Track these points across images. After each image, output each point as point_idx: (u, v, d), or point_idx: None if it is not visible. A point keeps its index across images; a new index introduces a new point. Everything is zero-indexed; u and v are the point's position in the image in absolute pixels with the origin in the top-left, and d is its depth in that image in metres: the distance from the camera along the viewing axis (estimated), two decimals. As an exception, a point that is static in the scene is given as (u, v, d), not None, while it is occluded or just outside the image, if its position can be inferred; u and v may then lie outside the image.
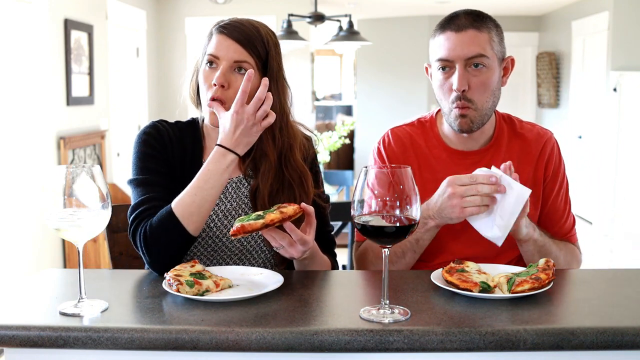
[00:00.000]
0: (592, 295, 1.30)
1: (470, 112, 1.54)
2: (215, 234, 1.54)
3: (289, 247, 1.35)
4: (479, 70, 1.53)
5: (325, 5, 6.76)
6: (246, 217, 1.32)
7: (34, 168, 4.08)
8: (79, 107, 4.74)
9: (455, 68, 1.53)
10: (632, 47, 6.04)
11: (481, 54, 1.52)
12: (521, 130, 1.68)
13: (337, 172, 5.08)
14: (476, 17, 1.55)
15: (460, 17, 1.55)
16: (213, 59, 1.49)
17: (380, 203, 1.11)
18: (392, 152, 1.69)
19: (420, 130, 1.70)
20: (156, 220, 1.41)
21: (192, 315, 1.14)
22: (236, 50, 1.48)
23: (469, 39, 1.52)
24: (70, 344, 1.08)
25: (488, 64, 1.54)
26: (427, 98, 8.41)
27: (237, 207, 1.56)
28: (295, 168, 1.55)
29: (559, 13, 7.66)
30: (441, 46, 1.55)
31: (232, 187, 1.57)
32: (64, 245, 4.42)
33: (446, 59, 1.54)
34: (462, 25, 1.53)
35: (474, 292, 1.22)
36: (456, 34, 1.53)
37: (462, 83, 1.52)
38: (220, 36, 1.50)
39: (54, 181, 1.14)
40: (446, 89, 1.56)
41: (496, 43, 1.56)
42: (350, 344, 1.07)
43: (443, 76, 1.56)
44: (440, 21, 1.59)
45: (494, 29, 1.56)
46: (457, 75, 1.52)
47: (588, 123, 6.71)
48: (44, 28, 4.21)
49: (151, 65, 6.32)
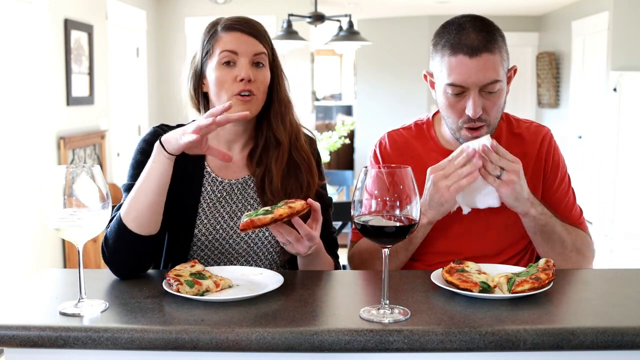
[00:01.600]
0: (592, 295, 1.30)
1: (483, 129, 1.53)
2: (222, 235, 1.53)
3: (296, 242, 1.36)
4: (492, 95, 1.50)
5: (325, 5, 6.76)
6: (254, 212, 1.32)
7: (34, 168, 4.08)
8: (79, 107, 4.74)
9: (469, 93, 1.49)
10: (632, 47, 6.04)
11: (496, 80, 1.49)
12: (519, 129, 1.68)
13: (337, 172, 5.08)
14: (487, 35, 1.48)
15: (469, 34, 1.48)
16: (231, 55, 1.49)
17: (380, 203, 1.11)
18: (387, 155, 1.69)
19: (417, 133, 1.70)
20: (112, 222, 1.43)
21: (192, 315, 1.14)
22: (254, 44, 1.51)
23: (483, 65, 1.46)
24: (70, 344, 1.08)
25: (501, 86, 1.51)
26: (427, 98, 8.41)
27: (243, 208, 1.56)
28: (302, 153, 1.58)
29: (559, 13, 7.66)
30: (453, 71, 1.48)
31: (237, 188, 1.57)
32: (64, 245, 4.42)
33: (460, 85, 1.49)
34: (475, 48, 1.46)
35: (474, 292, 1.22)
36: (470, 59, 1.46)
37: (477, 110, 1.49)
38: (234, 33, 1.51)
39: (54, 181, 1.14)
40: (457, 111, 1.52)
41: (505, 60, 1.53)
42: (350, 344, 1.07)
43: (455, 99, 1.51)
44: (444, 32, 1.52)
45: (502, 44, 1.51)
46: (472, 102, 1.48)
47: (588, 123, 6.70)
48: (44, 28, 4.21)
49: (151, 65, 6.32)
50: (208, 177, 1.57)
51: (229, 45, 1.50)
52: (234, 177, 1.58)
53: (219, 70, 1.50)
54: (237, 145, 1.60)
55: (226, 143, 1.59)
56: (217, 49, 1.51)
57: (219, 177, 1.57)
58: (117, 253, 1.40)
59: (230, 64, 1.50)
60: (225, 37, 1.51)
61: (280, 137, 1.56)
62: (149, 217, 1.39)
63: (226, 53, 1.49)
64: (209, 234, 1.53)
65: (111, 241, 1.40)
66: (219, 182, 1.57)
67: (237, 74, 1.48)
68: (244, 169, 1.59)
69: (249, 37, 1.51)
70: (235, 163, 1.59)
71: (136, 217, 1.39)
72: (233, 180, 1.58)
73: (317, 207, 1.38)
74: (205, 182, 1.56)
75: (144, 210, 1.39)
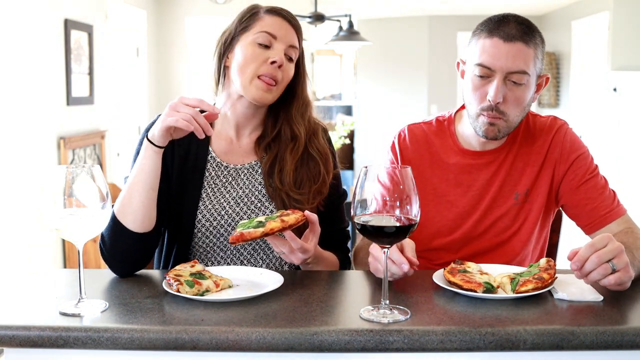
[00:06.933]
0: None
1: (501, 122, 1.52)
2: (227, 221, 1.52)
3: (290, 254, 1.37)
4: (516, 86, 1.50)
5: (326, 5, 6.76)
6: (248, 223, 1.33)
7: (34, 168, 4.07)
8: (79, 107, 4.74)
9: (494, 77, 1.49)
10: (632, 47, 6.04)
11: (524, 71, 1.48)
12: (534, 125, 1.66)
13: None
14: (526, 29, 1.50)
15: (510, 24, 1.49)
16: (269, 38, 1.49)
17: (380, 203, 1.11)
18: (405, 148, 1.69)
19: (437, 129, 1.69)
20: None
21: (192, 315, 1.14)
22: (292, 35, 1.53)
23: (515, 52, 1.47)
24: (70, 344, 1.08)
25: (527, 81, 1.50)
26: (427, 98, 8.41)
27: (250, 194, 1.55)
28: (319, 148, 1.59)
29: (559, 13, 7.66)
30: (485, 51, 1.49)
31: (243, 173, 1.57)
32: (64, 245, 4.42)
33: (487, 67, 1.49)
34: (511, 35, 1.48)
35: (477, 292, 1.22)
36: (504, 43, 1.47)
37: (497, 96, 1.49)
38: (278, 18, 1.52)
39: (54, 181, 1.14)
40: (479, 95, 1.52)
41: (539, 60, 1.53)
42: (350, 344, 1.07)
43: (480, 82, 1.52)
44: (487, 21, 1.53)
45: (540, 44, 1.52)
46: (495, 87, 1.48)
47: (588, 123, 6.70)
48: (44, 28, 4.21)
49: (151, 65, 6.32)
50: (213, 162, 1.57)
51: (270, 27, 1.50)
52: (239, 163, 1.58)
53: (252, 47, 1.50)
54: (246, 130, 1.60)
55: (235, 126, 1.59)
56: (256, 27, 1.51)
57: (224, 162, 1.57)
58: (115, 251, 1.39)
59: (265, 46, 1.50)
60: (268, 19, 1.52)
61: (299, 131, 1.57)
62: (143, 214, 1.39)
63: (265, 34, 1.49)
64: (214, 220, 1.52)
65: (108, 239, 1.40)
66: (224, 167, 1.57)
67: (271, 56, 1.48)
68: (251, 154, 1.59)
69: (289, 27, 1.53)
70: (242, 148, 1.59)
71: (131, 215, 1.39)
72: (239, 165, 1.57)
73: (314, 219, 1.39)
74: (209, 167, 1.56)
75: (138, 208, 1.39)
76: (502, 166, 1.62)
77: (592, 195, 1.59)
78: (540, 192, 1.62)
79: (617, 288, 1.24)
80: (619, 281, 1.22)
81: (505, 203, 1.62)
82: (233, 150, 1.58)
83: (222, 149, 1.58)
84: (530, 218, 1.62)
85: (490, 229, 1.62)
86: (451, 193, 1.63)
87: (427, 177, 1.64)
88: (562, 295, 1.23)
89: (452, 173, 1.64)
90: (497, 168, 1.62)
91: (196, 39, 6.46)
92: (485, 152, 1.63)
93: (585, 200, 1.59)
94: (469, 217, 1.62)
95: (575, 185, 1.60)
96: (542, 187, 1.62)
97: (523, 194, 1.61)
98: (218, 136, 1.59)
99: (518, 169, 1.62)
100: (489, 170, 1.62)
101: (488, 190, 1.62)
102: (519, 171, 1.62)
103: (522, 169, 1.62)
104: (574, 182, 1.60)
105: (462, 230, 1.62)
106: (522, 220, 1.62)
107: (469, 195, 1.62)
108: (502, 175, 1.62)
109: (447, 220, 1.63)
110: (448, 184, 1.64)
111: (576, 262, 1.22)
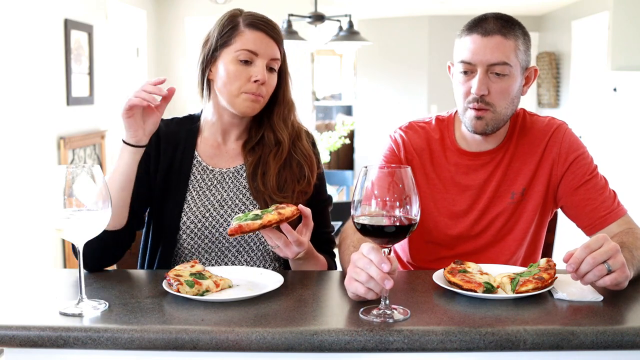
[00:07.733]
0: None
1: (488, 114, 1.53)
2: (212, 223, 1.54)
3: (285, 247, 1.37)
4: (499, 78, 1.52)
5: (325, 5, 6.76)
6: (244, 216, 1.33)
7: (34, 168, 4.08)
8: (79, 107, 4.74)
9: (477, 72, 1.52)
10: (632, 47, 6.04)
11: (504, 62, 1.51)
12: (531, 125, 1.66)
13: (337, 172, 5.08)
14: (505, 23, 1.52)
15: (488, 20, 1.53)
16: (250, 55, 1.50)
17: (380, 203, 1.11)
18: (405, 143, 1.69)
19: (437, 128, 1.70)
20: None
21: (192, 315, 1.14)
22: (273, 49, 1.53)
23: (494, 45, 1.50)
24: (70, 344, 1.08)
25: (510, 72, 1.52)
26: (427, 98, 8.40)
27: (234, 197, 1.57)
28: (303, 150, 1.60)
29: (559, 13, 7.66)
30: (466, 48, 1.53)
31: (229, 177, 1.59)
32: (64, 245, 4.42)
33: (468, 62, 1.52)
34: (489, 29, 1.51)
35: (478, 292, 1.22)
36: (482, 37, 1.51)
37: (481, 88, 1.51)
38: (258, 32, 1.51)
39: (54, 181, 1.14)
40: (464, 90, 1.55)
41: (521, 52, 1.54)
42: (350, 344, 1.07)
43: (464, 78, 1.54)
44: (468, 22, 1.57)
45: (521, 37, 1.54)
46: (477, 80, 1.51)
47: (588, 123, 6.70)
48: (43, 28, 4.21)
49: (151, 65, 6.32)
50: (198, 166, 1.59)
51: (251, 44, 1.50)
52: (225, 166, 1.60)
53: (234, 65, 1.50)
54: (232, 136, 1.62)
55: (222, 132, 1.61)
56: (237, 43, 1.50)
57: (209, 166, 1.59)
58: (86, 247, 1.38)
59: (247, 62, 1.50)
60: (248, 34, 1.51)
61: (282, 137, 1.57)
62: (116, 213, 1.38)
63: (246, 52, 1.50)
64: (198, 222, 1.54)
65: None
66: (209, 171, 1.59)
67: (253, 74, 1.49)
68: (237, 158, 1.61)
69: (270, 40, 1.52)
70: (228, 152, 1.61)
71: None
72: (224, 169, 1.59)
73: (308, 213, 1.40)
74: (194, 170, 1.58)
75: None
76: (499, 167, 1.62)
77: (592, 196, 1.59)
78: (537, 191, 1.62)
79: (614, 288, 1.25)
80: (615, 282, 1.22)
81: (501, 203, 1.62)
82: (220, 155, 1.61)
83: (209, 154, 1.60)
84: (525, 217, 1.62)
85: (487, 228, 1.63)
86: (448, 192, 1.64)
87: (425, 175, 1.65)
88: (562, 295, 1.24)
89: (450, 173, 1.64)
90: (493, 168, 1.62)
91: (196, 39, 6.46)
92: (482, 153, 1.63)
93: (585, 201, 1.59)
94: (466, 216, 1.63)
95: (575, 186, 1.60)
96: (539, 186, 1.62)
97: (519, 193, 1.62)
98: (205, 141, 1.62)
99: (515, 169, 1.62)
100: (486, 171, 1.63)
101: (485, 191, 1.62)
102: (516, 171, 1.62)
103: (518, 169, 1.62)
104: (573, 183, 1.60)
105: (459, 229, 1.63)
106: (517, 218, 1.62)
107: (465, 196, 1.63)
108: (499, 176, 1.62)
109: (443, 219, 1.64)
110: (445, 184, 1.64)
111: (572, 264, 1.22)
